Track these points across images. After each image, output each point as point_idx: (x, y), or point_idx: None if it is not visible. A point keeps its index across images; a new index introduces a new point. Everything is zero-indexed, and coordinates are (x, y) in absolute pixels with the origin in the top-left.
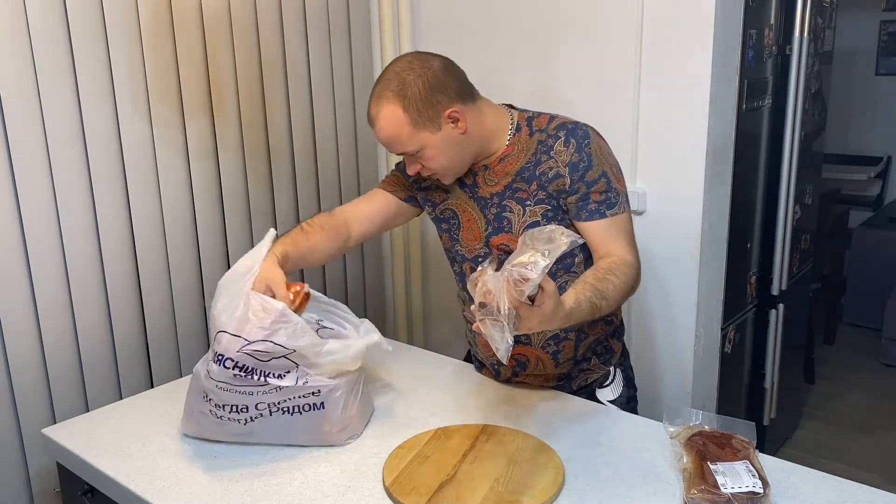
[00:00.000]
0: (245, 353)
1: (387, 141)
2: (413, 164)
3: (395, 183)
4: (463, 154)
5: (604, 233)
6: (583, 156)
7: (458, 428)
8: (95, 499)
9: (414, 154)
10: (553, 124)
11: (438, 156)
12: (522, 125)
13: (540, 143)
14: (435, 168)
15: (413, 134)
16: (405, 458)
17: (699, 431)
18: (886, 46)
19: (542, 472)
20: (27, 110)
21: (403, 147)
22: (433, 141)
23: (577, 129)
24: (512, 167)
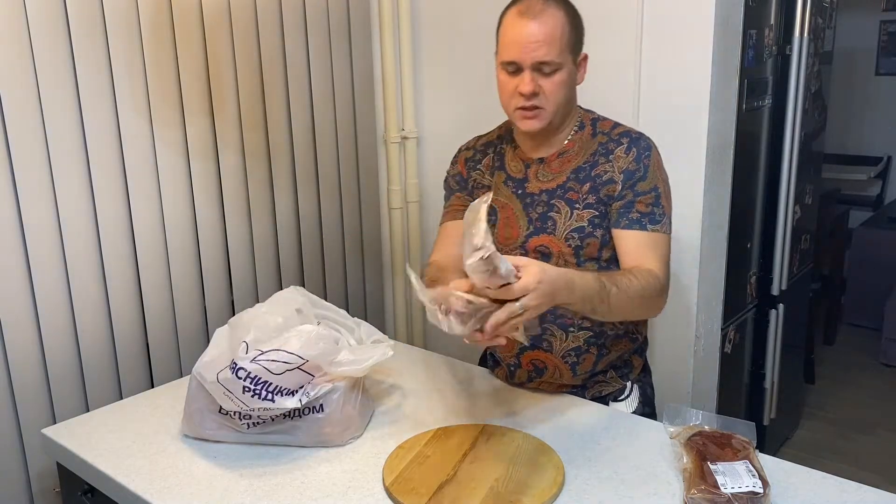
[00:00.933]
0: (259, 365)
1: (541, 38)
2: (531, 83)
3: (460, 207)
4: (566, 105)
5: (639, 246)
6: (640, 166)
7: (458, 428)
8: (95, 499)
9: (548, 71)
10: (617, 130)
11: (562, 88)
12: (586, 124)
13: (601, 145)
14: (550, 99)
15: (563, 48)
16: (405, 458)
17: (699, 431)
18: (886, 46)
19: (543, 472)
20: (27, 110)
21: (549, 53)
22: (568, 70)
23: (641, 140)
24: (568, 165)
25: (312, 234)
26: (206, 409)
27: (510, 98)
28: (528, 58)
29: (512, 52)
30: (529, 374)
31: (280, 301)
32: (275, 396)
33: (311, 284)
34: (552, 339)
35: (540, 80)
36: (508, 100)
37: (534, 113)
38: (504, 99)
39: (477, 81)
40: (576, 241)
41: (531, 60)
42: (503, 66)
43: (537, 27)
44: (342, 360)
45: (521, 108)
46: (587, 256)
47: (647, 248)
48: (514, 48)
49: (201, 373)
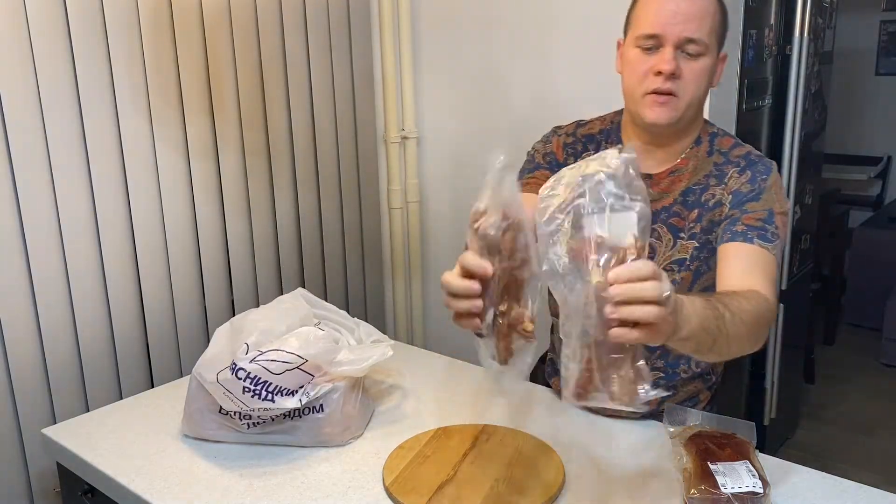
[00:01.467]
0: (259, 365)
1: (693, 10)
2: (672, 61)
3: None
4: (698, 104)
5: (744, 261)
6: (754, 187)
7: (459, 428)
8: (95, 499)
9: (693, 52)
10: (737, 150)
11: (703, 77)
12: (704, 139)
13: (716, 166)
14: (688, 87)
15: (712, 31)
16: (405, 458)
17: (699, 431)
18: (886, 46)
19: (543, 472)
20: (27, 109)
21: (699, 29)
22: (711, 60)
23: (760, 163)
24: (678, 186)
25: (312, 233)
26: (207, 409)
27: (642, 79)
28: (676, 31)
29: (655, 24)
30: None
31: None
32: (275, 396)
33: (311, 284)
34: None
35: (681, 62)
36: (639, 82)
37: (666, 99)
38: (633, 81)
39: (476, 81)
40: (674, 273)
41: (678, 35)
42: (639, 41)
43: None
44: (342, 359)
45: (653, 91)
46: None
47: (753, 266)
48: (659, 18)
49: (201, 373)
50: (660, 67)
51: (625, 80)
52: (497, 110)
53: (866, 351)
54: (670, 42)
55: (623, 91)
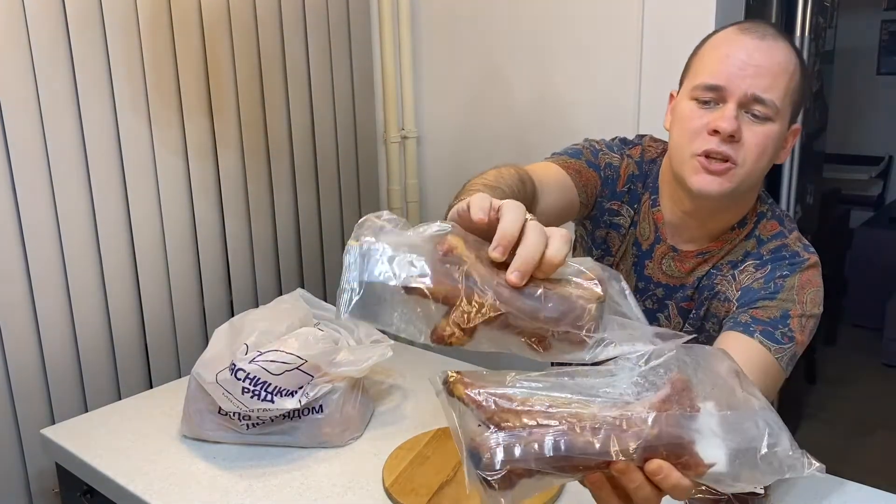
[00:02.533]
0: (258, 365)
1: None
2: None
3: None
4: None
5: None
6: (769, 285)
7: None
8: (94, 499)
9: (759, 115)
10: (774, 244)
11: (768, 147)
12: (749, 221)
13: (746, 253)
14: (749, 157)
15: (786, 95)
16: (405, 458)
17: None
18: (888, 46)
19: None
20: (26, 110)
21: (771, 89)
22: (780, 130)
23: (789, 258)
24: (703, 268)
25: (312, 234)
26: (206, 410)
27: (693, 138)
28: (743, 85)
29: (719, 74)
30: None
31: (284, 309)
32: (274, 397)
33: (311, 284)
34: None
35: (743, 125)
36: (690, 140)
37: (720, 167)
38: (682, 139)
39: (476, 82)
40: None
41: (744, 90)
42: (695, 93)
43: (766, 51)
44: (341, 360)
45: (705, 154)
46: None
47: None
48: (726, 68)
49: (200, 373)
50: (717, 125)
51: (673, 137)
52: (497, 110)
53: (867, 351)
54: (734, 98)
55: (670, 149)
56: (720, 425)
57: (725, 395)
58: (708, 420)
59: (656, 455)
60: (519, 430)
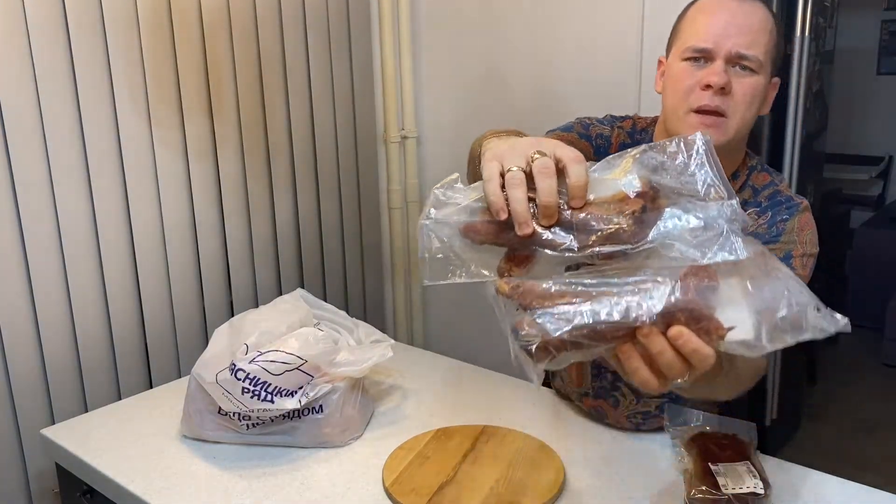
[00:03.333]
0: (258, 365)
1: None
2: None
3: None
4: (746, 129)
5: None
6: (771, 230)
7: (459, 428)
8: (94, 499)
9: (746, 69)
10: (768, 191)
11: (755, 98)
12: (742, 173)
13: (744, 203)
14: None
15: (768, 50)
16: (405, 458)
17: (700, 432)
18: (888, 46)
19: (543, 473)
20: (25, 110)
21: (753, 45)
22: (763, 82)
23: (785, 203)
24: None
25: (312, 234)
26: (206, 410)
27: (687, 95)
28: (728, 44)
29: (708, 35)
30: (590, 412)
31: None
32: (274, 397)
33: (311, 285)
34: (620, 398)
35: (733, 78)
36: (683, 98)
37: (714, 121)
38: (676, 97)
39: (476, 81)
40: None
41: (731, 47)
42: (685, 54)
43: (747, 13)
44: (341, 360)
45: (700, 109)
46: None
47: None
48: (713, 30)
49: (200, 373)
50: (709, 80)
51: (667, 98)
52: (497, 110)
53: (868, 351)
54: (721, 56)
55: (664, 111)
56: (741, 292)
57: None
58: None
59: (676, 321)
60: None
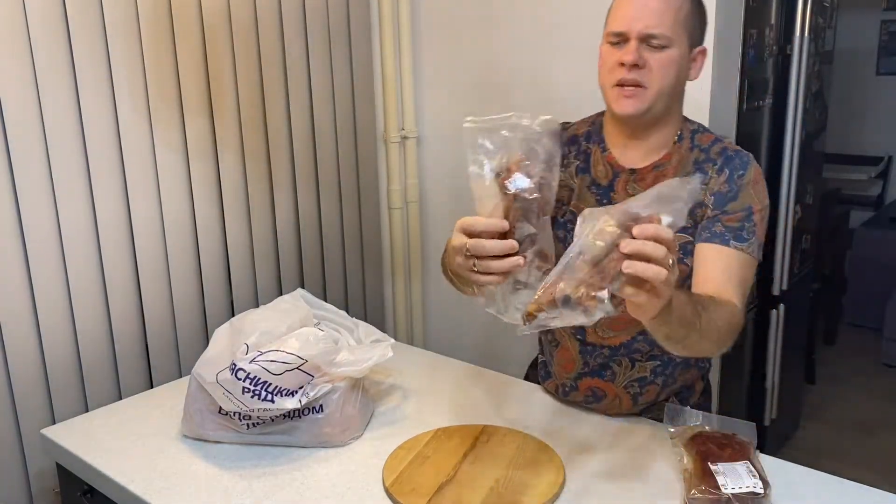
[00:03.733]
0: (258, 365)
1: (653, 6)
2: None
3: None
4: (670, 96)
5: (718, 265)
6: (731, 187)
7: (459, 428)
8: (95, 499)
9: (655, 45)
10: (716, 147)
11: (669, 68)
12: (686, 135)
13: (696, 163)
14: (654, 77)
15: (677, 24)
16: (405, 458)
17: (700, 432)
18: (887, 46)
19: (543, 472)
20: (26, 110)
21: (659, 24)
22: (679, 51)
23: (737, 158)
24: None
25: (312, 234)
26: (206, 410)
27: (609, 73)
28: (637, 26)
29: (621, 21)
30: (587, 398)
31: (284, 309)
32: (274, 397)
33: (311, 285)
34: (616, 368)
35: (645, 54)
36: (607, 75)
37: (633, 91)
38: (603, 75)
39: (476, 81)
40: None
41: (640, 29)
42: (608, 38)
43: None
44: (342, 360)
45: (619, 84)
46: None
47: (727, 271)
48: (624, 16)
49: (201, 373)
50: (622, 59)
51: (600, 78)
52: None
53: (867, 351)
54: (633, 37)
55: (600, 83)
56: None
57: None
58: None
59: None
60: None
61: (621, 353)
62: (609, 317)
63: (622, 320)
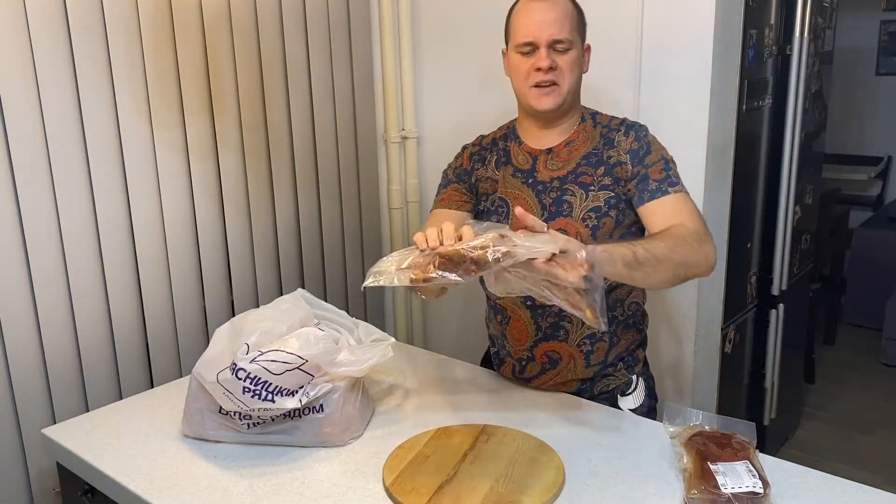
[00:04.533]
0: (259, 365)
1: (554, 16)
2: (548, 58)
3: (454, 198)
4: (575, 88)
5: (668, 209)
6: (641, 143)
7: (459, 428)
8: (95, 499)
9: (562, 49)
10: (615, 121)
11: (575, 66)
12: (587, 117)
13: (603, 136)
14: (565, 75)
15: (573, 29)
16: (405, 458)
17: (699, 431)
18: (887, 46)
19: (543, 472)
20: (27, 110)
21: (562, 31)
22: (577, 51)
23: (636, 126)
24: (577, 153)
25: (312, 233)
26: (206, 409)
27: (526, 78)
28: (545, 35)
29: (528, 33)
30: (543, 367)
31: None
32: (275, 397)
33: (311, 284)
34: (568, 326)
35: (554, 57)
36: (524, 80)
37: (550, 89)
38: (519, 80)
39: (476, 82)
40: (592, 220)
41: (547, 37)
42: (518, 49)
43: (550, 8)
44: (342, 360)
45: (537, 85)
46: (602, 237)
47: (675, 210)
48: (531, 28)
49: (201, 373)
50: (539, 65)
51: (514, 81)
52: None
53: (866, 351)
54: (543, 44)
55: (514, 90)
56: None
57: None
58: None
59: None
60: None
61: (567, 315)
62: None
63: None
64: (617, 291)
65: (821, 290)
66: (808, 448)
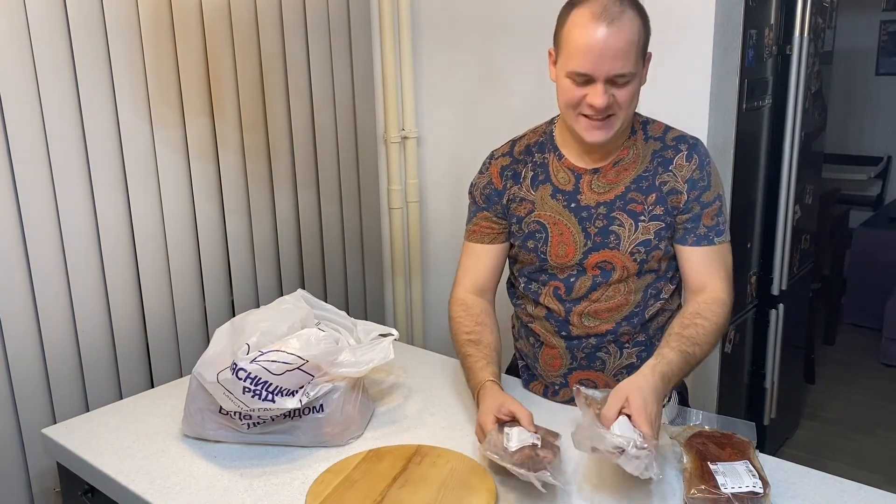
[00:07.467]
0: (259, 365)
1: (619, 47)
2: (605, 96)
3: (486, 230)
4: (632, 114)
5: (706, 263)
6: (703, 174)
7: (391, 449)
8: (95, 499)
9: (622, 82)
10: (671, 135)
11: (635, 97)
12: (637, 128)
13: (656, 152)
14: (622, 109)
15: (638, 56)
16: (331, 483)
17: (699, 431)
18: (886, 46)
19: (474, 495)
20: (27, 110)
21: (626, 65)
22: (639, 77)
23: (699, 146)
24: (627, 174)
25: (312, 233)
26: (207, 409)
27: (576, 105)
28: (604, 69)
29: (585, 64)
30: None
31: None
32: (275, 397)
33: (311, 284)
34: (606, 357)
35: (613, 91)
36: (573, 106)
37: (603, 123)
38: (567, 104)
39: (476, 82)
40: (641, 254)
41: (607, 72)
42: (571, 75)
43: (615, 36)
44: (343, 360)
45: (587, 116)
46: (649, 269)
47: (713, 265)
48: (588, 60)
49: (201, 373)
50: (592, 102)
51: (559, 100)
52: (497, 110)
53: (866, 351)
54: (601, 79)
55: (558, 103)
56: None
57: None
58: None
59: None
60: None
61: (608, 340)
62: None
63: (605, 308)
64: (658, 318)
65: (821, 290)
66: (808, 448)
